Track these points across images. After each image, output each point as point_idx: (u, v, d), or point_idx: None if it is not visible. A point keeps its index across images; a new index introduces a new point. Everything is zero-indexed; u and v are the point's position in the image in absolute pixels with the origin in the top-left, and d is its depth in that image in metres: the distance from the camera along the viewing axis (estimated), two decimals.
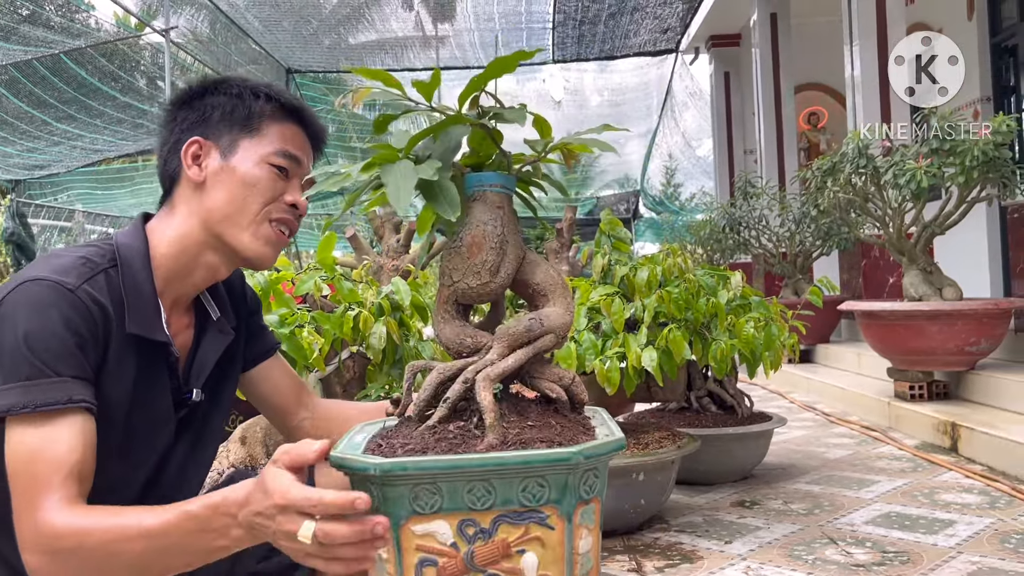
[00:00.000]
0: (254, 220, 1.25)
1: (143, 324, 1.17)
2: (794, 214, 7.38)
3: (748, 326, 2.83)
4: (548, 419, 1.09)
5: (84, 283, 1.12)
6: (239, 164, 1.25)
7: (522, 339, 1.09)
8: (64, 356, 1.06)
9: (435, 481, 0.93)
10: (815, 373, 6.67)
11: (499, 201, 1.12)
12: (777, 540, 2.80)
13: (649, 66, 13.87)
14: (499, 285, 1.12)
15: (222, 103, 1.27)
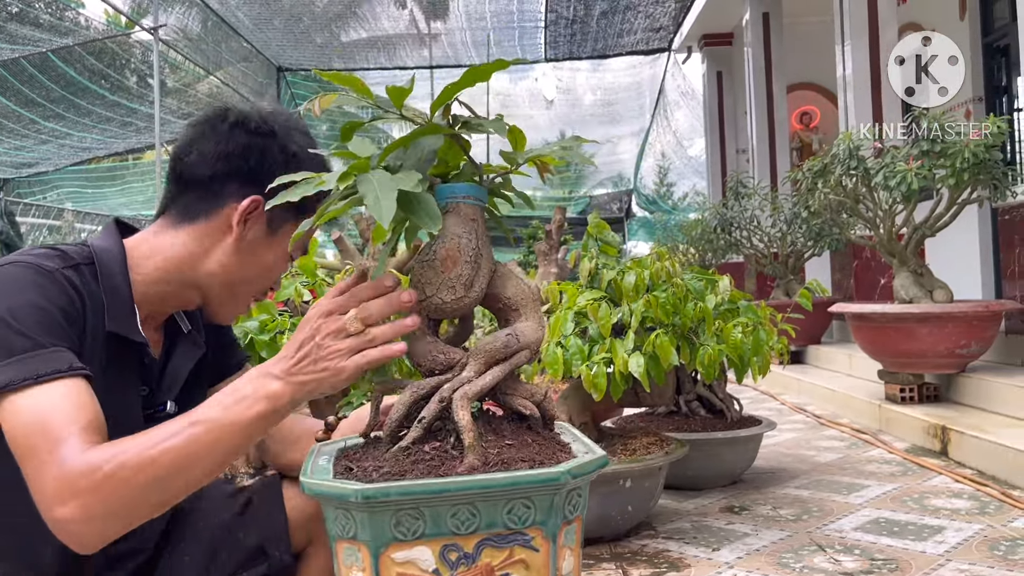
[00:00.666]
0: (249, 298, 1.28)
1: (121, 323, 1.13)
2: (786, 215, 7.37)
3: (736, 331, 2.80)
4: (524, 437, 1.06)
5: (62, 268, 1.09)
6: (275, 247, 1.24)
7: (499, 355, 1.05)
8: (54, 328, 1.03)
9: (418, 506, 0.90)
10: (806, 374, 6.65)
11: (472, 213, 1.08)
12: (765, 547, 2.78)
13: (642, 65, 13.86)
14: (473, 300, 1.08)
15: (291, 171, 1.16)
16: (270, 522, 1.34)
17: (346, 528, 0.95)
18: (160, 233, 1.22)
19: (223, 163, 1.20)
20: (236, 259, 1.21)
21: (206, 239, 1.21)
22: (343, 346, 1.00)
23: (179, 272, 1.21)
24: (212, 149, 1.20)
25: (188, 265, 1.21)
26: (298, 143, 1.24)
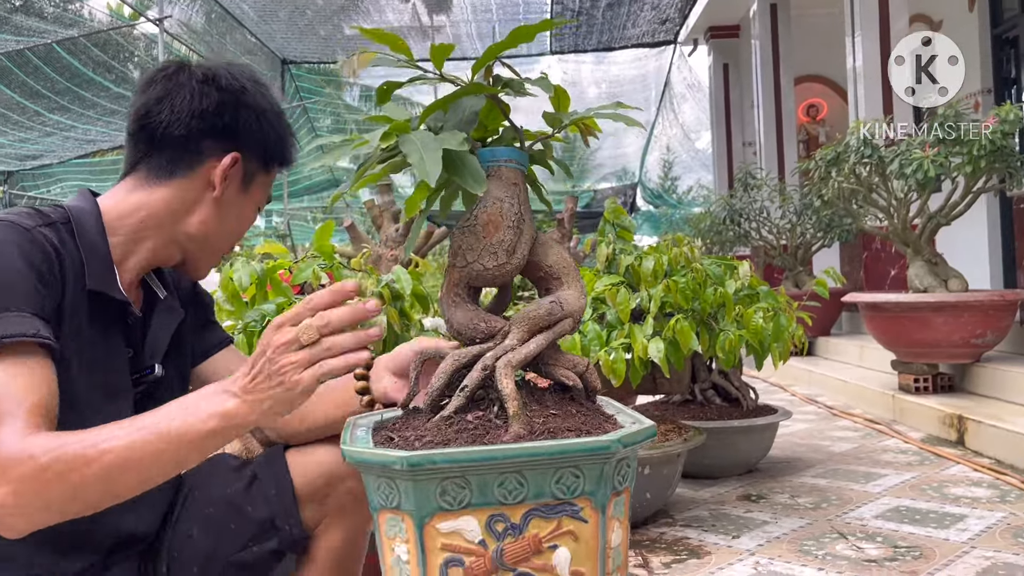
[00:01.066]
0: (219, 252, 1.27)
1: (101, 280, 1.11)
2: (795, 206, 7.32)
3: (757, 316, 2.77)
4: (567, 407, 1.03)
5: (39, 226, 1.07)
6: (248, 201, 1.25)
7: (542, 323, 1.02)
8: (26, 292, 1.00)
9: (464, 474, 0.87)
10: (816, 366, 6.62)
11: (514, 177, 1.05)
12: (785, 535, 2.75)
13: (647, 57, 13.80)
14: (515, 266, 1.05)
15: (264, 126, 1.23)
16: (278, 496, 1.31)
17: (389, 498, 0.92)
18: (134, 191, 1.19)
19: (198, 121, 1.18)
20: (216, 214, 1.22)
21: (186, 196, 1.20)
22: (296, 358, 0.95)
23: (159, 228, 1.19)
24: (186, 107, 1.18)
25: (169, 221, 1.19)
26: (266, 98, 1.25)
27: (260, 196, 1.27)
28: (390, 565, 0.94)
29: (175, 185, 1.19)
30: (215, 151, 1.19)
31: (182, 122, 1.17)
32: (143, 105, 1.19)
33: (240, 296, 2.32)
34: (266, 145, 1.24)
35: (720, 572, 2.44)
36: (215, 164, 1.19)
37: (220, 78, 1.20)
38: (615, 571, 0.97)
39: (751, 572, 2.42)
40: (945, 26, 8.06)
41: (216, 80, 1.19)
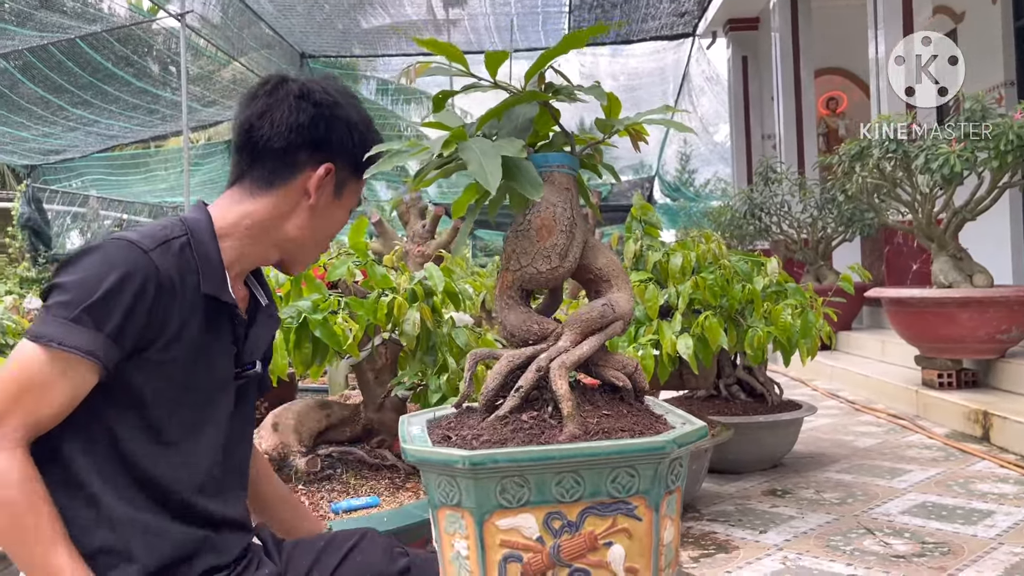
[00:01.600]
0: (317, 253, 1.36)
1: (214, 285, 1.22)
2: (817, 200, 7.29)
3: (785, 313, 2.78)
4: (618, 408, 1.05)
5: (159, 246, 1.17)
6: (341, 207, 1.33)
7: (595, 325, 1.05)
8: (110, 311, 1.10)
9: (523, 473, 0.90)
10: (837, 360, 6.60)
11: (567, 183, 1.07)
12: (812, 530, 2.76)
13: (665, 50, 13.74)
14: (567, 270, 1.07)
15: (354, 137, 1.29)
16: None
17: (449, 495, 0.95)
18: (240, 201, 1.29)
19: (295, 134, 1.26)
20: (312, 220, 1.30)
21: (284, 204, 1.28)
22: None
23: (264, 235, 1.28)
24: (285, 121, 1.26)
25: (270, 227, 1.28)
26: (357, 110, 1.32)
27: (351, 202, 1.35)
28: (449, 560, 0.97)
29: (275, 194, 1.27)
30: (311, 162, 1.27)
31: (281, 135, 1.25)
32: (246, 119, 1.28)
33: (275, 293, 2.35)
34: (356, 155, 1.29)
35: (748, 567, 2.46)
36: (311, 174, 1.27)
37: (314, 93, 1.28)
38: (667, 567, 0.99)
39: (780, 567, 2.44)
40: (968, 18, 7.99)
41: (311, 95, 1.27)
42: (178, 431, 1.20)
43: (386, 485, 2.40)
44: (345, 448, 2.49)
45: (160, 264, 1.15)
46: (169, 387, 1.18)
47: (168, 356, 1.17)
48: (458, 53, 1.03)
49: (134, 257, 1.13)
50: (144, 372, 1.15)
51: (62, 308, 1.10)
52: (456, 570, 0.96)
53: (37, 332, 1.09)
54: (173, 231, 1.20)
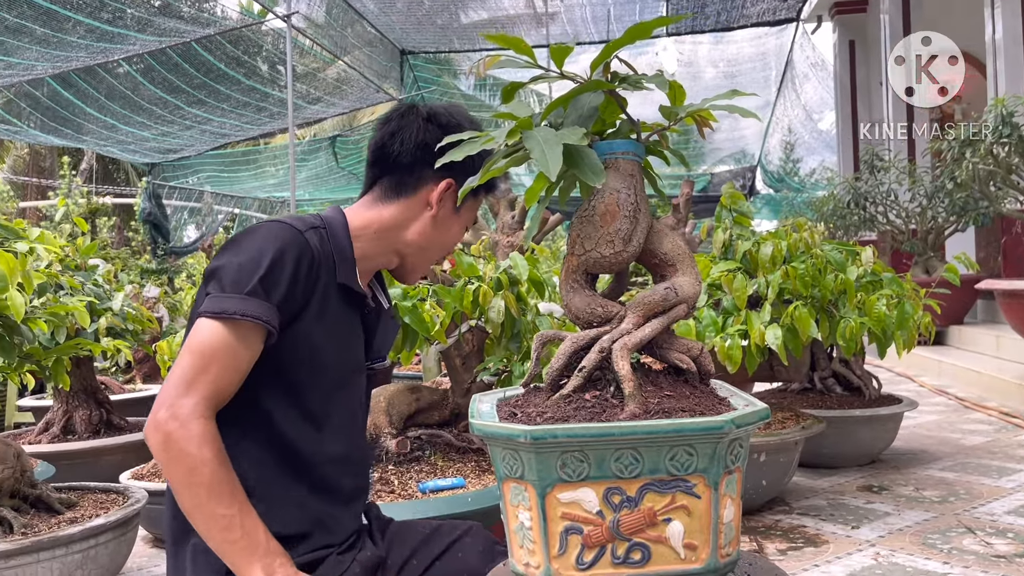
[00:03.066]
0: (432, 262, 1.50)
1: (348, 276, 1.37)
2: (926, 188, 6.98)
3: (880, 304, 2.70)
4: (681, 389, 1.07)
5: (308, 230, 1.34)
6: (459, 220, 1.47)
7: (657, 308, 1.07)
8: (275, 283, 1.26)
9: (583, 449, 0.93)
10: (947, 356, 6.32)
11: (631, 169, 1.10)
12: (909, 527, 2.68)
13: (767, 36, 13.36)
14: (631, 254, 1.10)
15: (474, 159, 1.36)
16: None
17: (513, 468, 0.99)
18: (370, 208, 1.45)
19: (421, 151, 1.42)
20: (431, 230, 1.44)
21: (408, 213, 1.44)
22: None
23: (388, 238, 1.44)
24: (412, 140, 1.43)
25: (395, 233, 1.44)
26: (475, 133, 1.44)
27: (468, 217, 1.49)
28: (513, 531, 1.02)
29: (401, 204, 1.43)
30: (434, 177, 1.42)
31: (408, 152, 1.42)
32: (380, 138, 1.46)
33: None
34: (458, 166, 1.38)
35: (838, 561, 2.41)
36: (433, 188, 1.43)
37: (440, 116, 1.44)
38: (727, 545, 1.01)
39: (870, 563, 2.38)
40: None
41: (437, 118, 1.43)
42: (320, 408, 1.34)
43: (472, 467, 2.47)
44: (433, 431, 2.58)
45: (311, 242, 1.32)
46: (311, 364, 1.32)
47: (310, 331, 1.32)
48: (525, 46, 1.07)
49: (291, 235, 1.30)
50: (290, 346, 1.29)
51: (234, 285, 1.25)
52: (520, 540, 1.01)
53: (217, 308, 1.23)
54: (315, 221, 1.37)
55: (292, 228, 1.32)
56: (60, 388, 3.27)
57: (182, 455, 1.19)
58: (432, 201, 1.42)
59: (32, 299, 2.10)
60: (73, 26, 8.04)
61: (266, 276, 1.25)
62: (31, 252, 2.14)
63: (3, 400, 4.21)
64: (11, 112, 9.55)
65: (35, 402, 4.33)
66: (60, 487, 2.45)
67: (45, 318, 2.11)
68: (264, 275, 1.25)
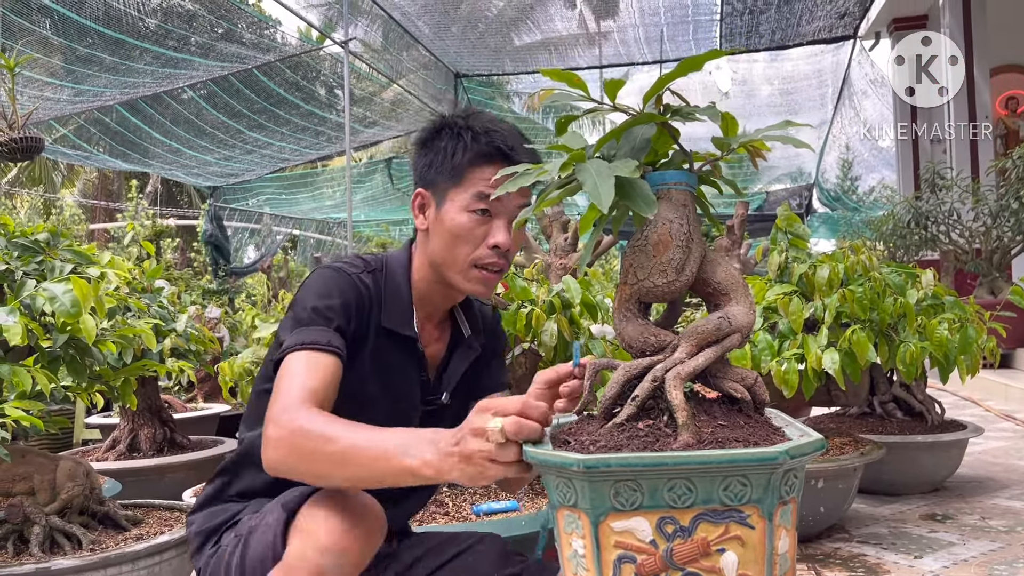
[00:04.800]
0: (463, 267, 1.40)
1: (396, 320, 1.40)
2: (990, 207, 6.80)
3: (941, 328, 2.65)
4: (735, 419, 1.07)
5: (361, 273, 1.40)
6: (446, 215, 1.40)
7: (710, 338, 1.07)
8: (334, 315, 1.33)
9: (636, 478, 0.94)
10: (1015, 380, 6.12)
11: (684, 199, 1.11)
12: (974, 557, 2.61)
13: (824, 53, 13.19)
14: (683, 284, 1.11)
15: (436, 155, 1.43)
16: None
17: (567, 496, 1.00)
18: (417, 244, 1.50)
19: (413, 171, 1.51)
20: (434, 242, 1.43)
21: (422, 241, 1.47)
22: (484, 449, 1.01)
23: (425, 269, 1.46)
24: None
25: (423, 262, 1.46)
26: (429, 128, 1.52)
27: (461, 200, 1.40)
28: (567, 558, 1.03)
29: (418, 235, 1.47)
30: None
31: (413, 179, 1.50)
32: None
33: None
34: (434, 166, 1.43)
35: None
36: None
37: (424, 131, 1.48)
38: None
39: None
40: None
41: (423, 133, 1.48)
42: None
43: (526, 490, 2.48)
44: None
45: (361, 285, 1.39)
46: (358, 400, 1.34)
47: (358, 369, 1.36)
48: (578, 80, 1.09)
49: (343, 280, 1.37)
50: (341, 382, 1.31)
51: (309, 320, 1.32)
52: (573, 567, 1.02)
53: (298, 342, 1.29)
54: (373, 264, 1.44)
55: (342, 272, 1.39)
56: (126, 407, 3.38)
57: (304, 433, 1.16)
58: (415, 218, 1.45)
59: (102, 322, 2.18)
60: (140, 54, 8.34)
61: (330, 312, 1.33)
62: (102, 277, 2.22)
63: (72, 418, 4.35)
64: (81, 137, 9.93)
65: (101, 420, 4.48)
66: (126, 504, 2.53)
67: (114, 340, 2.19)
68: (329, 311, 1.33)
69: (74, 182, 19.66)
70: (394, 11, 11.13)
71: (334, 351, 1.30)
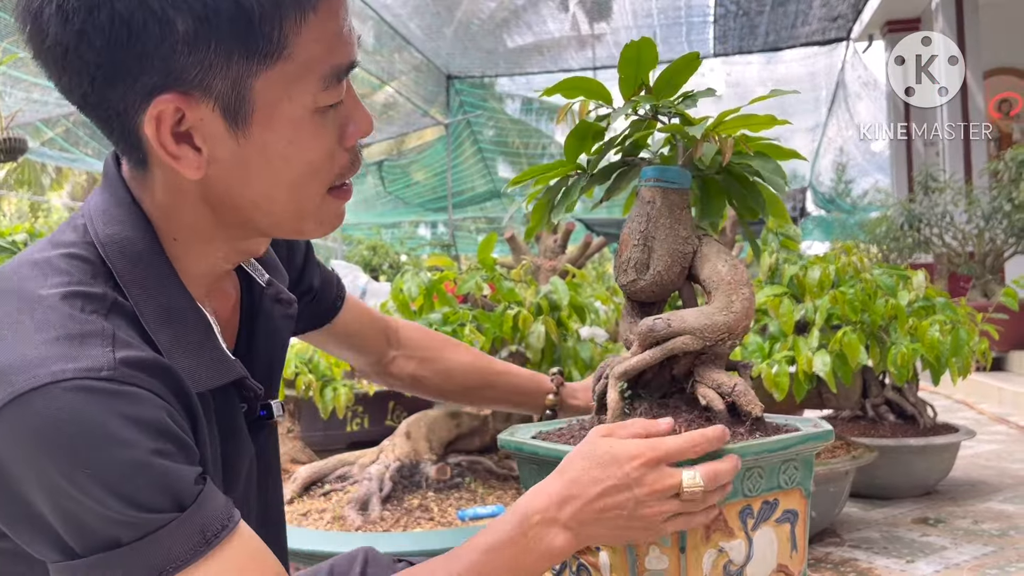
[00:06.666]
0: (316, 204, 0.83)
1: (208, 370, 0.80)
2: (983, 210, 6.80)
3: (933, 329, 2.62)
4: (683, 428, 1.01)
5: (116, 349, 0.70)
6: (269, 135, 0.77)
7: (647, 339, 1.03)
8: (170, 479, 0.69)
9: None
10: (1008, 382, 6.11)
11: (649, 196, 1.07)
12: (967, 561, 2.58)
13: (817, 56, 13.23)
14: (651, 282, 1.07)
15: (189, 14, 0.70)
16: None
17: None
18: (145, 184, 0.87)
19: (74, 69, 0.79)
20: (230, 183, 0.80)
21: (186, 191, 0.85)
22: (670, 508, 0.84)
23: (203, 236, 0.87)
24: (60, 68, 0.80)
25: (200, 227, 0.87)
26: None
27: (306, 90, 0.77)
28: None
29: (159, 177, 0.84)
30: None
31: (83, 83, 0.79)
32: None
33: (409, 306, 2.46)
34: (177, 54, 0.73)
35: None
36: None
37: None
38: None
39: None
40: None
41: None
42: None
43: (513, 495, 2.44)
44: (474, 457, 2.56)
45: (139, 381, 0.75)
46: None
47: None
48: (598, 86, 1.06)
49: (101, 408, 0.71)
50: None
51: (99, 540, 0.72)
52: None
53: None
54: (99, 290, 0.80)
55: (92, 390, 0.68)
56: None
57: None
58: (164, 156, 0.77)
59: None
60: None
61: (138, 493, 0.69)
62: None
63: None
64: (69, 140, 9.88)
65: None
66: None
67: None
68: (134, 496, 0.69)
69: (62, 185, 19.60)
70: (385, 12, 11.11)
71: (234, 517, 0.74)
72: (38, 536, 0.69)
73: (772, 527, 0.98)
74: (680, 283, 1.12)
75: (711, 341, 1.08)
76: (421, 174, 15.87)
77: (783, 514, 0.99)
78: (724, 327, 1.08)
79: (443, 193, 14.72)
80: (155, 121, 0.73)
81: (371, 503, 2.23)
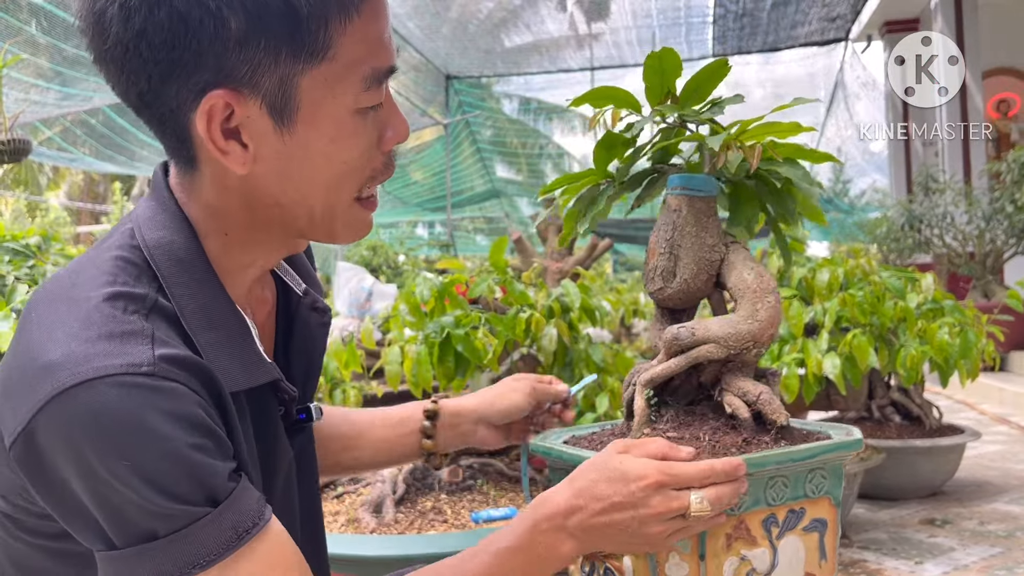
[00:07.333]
0: (346, 205, 0.84)
1: (245, 371, 0.81)
2: (984, 210, 6.82)
3: (942, 332, 2.63)
4: (722, 437, 1.01)
5: (156, 347, 0.72)
6: (312, 133, 0.79)
7: (672, 348, 1.04)
8: (205, 473, 0.71)
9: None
10: (1010, 383, 6.13)
11: (675, 204, 1.08)
12: (975, 562, 2.59)
13: (816, 56, 13.24)
14: (677, 290, 1.08)
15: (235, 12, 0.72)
16: None
17: None
18: (190, 188, 0.90)
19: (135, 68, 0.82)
20: (282, 188, 0.84)
21: (231, 186, 0.87)
22: (672, 528, 0.85)
23: (240, 236, 0.89)
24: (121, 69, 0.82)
25: (236, 225, 0.89)
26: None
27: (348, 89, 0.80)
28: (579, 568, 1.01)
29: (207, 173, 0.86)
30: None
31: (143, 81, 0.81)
32: None
33: (420, 309, 2.46)
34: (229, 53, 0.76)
35: None
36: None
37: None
38: None
39: None
40: None
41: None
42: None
43: (525, 498, 2.45)
44: (485, 460, 2.56)
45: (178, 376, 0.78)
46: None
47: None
48: (627, 96, 1.06)
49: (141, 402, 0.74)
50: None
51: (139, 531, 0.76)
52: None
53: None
54: (142, 291, 0.82)
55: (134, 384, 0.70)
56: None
57: None
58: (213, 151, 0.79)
59: None
60: None
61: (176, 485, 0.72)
62: None
63: None
64: (67, 140, 9.86)
65: None
66: None
67: None
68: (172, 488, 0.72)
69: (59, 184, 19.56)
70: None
71: (266, 512, 0.76)
72: (84, 525, 0.72)
73: (799, 536, 0.98)
74: (708, 290, 1.12)
75: (735, 350, 1.07)
76: (420, 174, 15.87)
77: (811, 523, 0.99)
78: (749, 336, 1.07)
79: (442, 193, 14.71)
80: (206, 116, 0.76)
81: (385, 505, 2.24)
